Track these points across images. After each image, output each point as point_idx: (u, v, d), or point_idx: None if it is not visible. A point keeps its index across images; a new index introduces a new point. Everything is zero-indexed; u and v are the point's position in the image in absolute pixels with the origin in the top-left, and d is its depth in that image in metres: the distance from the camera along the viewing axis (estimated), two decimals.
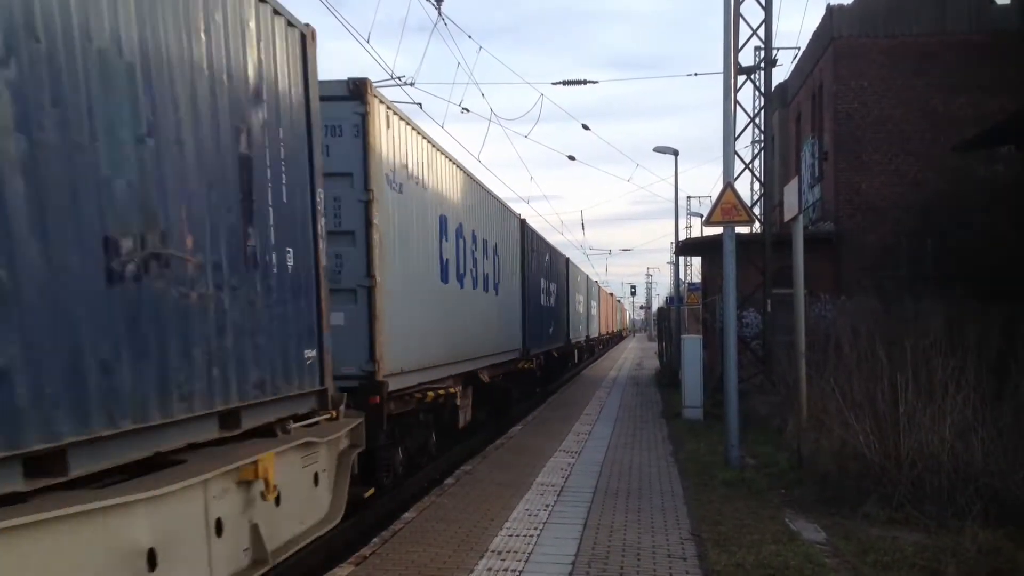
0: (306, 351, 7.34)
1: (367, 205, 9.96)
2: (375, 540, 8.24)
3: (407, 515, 9.26)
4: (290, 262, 7.07)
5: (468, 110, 25.06)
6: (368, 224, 9.98)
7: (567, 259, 32.07)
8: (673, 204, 31.42)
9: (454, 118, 71.87)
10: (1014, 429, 8.82)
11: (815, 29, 22.53)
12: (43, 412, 4.15)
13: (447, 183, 13.42)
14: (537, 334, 22.95)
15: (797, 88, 25.43)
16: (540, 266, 24.40)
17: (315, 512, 7.66)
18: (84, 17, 4.54)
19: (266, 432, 6.63)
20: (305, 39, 7.68)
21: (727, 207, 12.43)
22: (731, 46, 13.17)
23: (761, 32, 18.27)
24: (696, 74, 79.59)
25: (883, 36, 20.00)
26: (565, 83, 24.53)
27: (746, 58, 20.05)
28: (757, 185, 20.74)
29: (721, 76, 13.03)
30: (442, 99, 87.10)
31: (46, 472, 4.23)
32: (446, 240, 13.10)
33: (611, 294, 72.28)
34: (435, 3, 17.41)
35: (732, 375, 12.42)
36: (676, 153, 29.32)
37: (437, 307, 12.52)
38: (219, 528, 5.71)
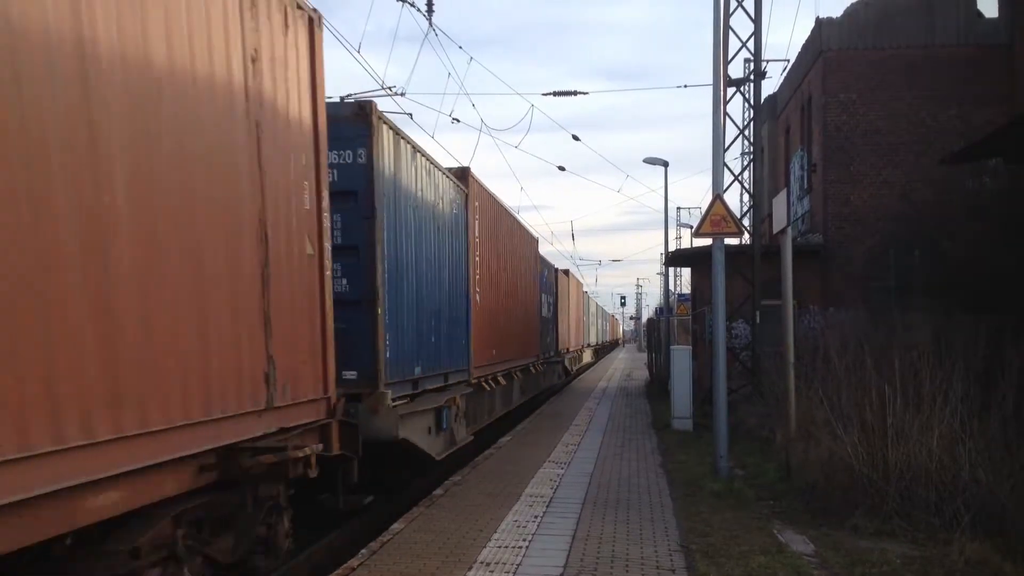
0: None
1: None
2: (363, 551, 8.21)
3: (395, 526, 9.24)
4: None
5: (458, 120, 25.08)
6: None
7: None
8: (663, 215, 31.43)
9: (445, 128, 72.17)
10: (1000, 440, 8.86)
11: (804, 42, 22.66)
12: None
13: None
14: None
15: (786, 100, 25.55)
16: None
17: None
18: None
19: None
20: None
21: (716, 219, 12.46)
22: (720, 58, 13.22)
23: (750, 44, 18.36)
24: (686, 86, 79.46)
25: (871, 48, 20.11)
26: (556, 94, 24.58)
27: (736, 70, 20.10)
28: (746, 197, 20.85)
29: (711, 88, 13.11)
30: (433, 109, 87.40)
31: None
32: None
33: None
34: (426, 14, 17.46)
35: (721, 386, 12.44)
36: (666, 164, 29.38)
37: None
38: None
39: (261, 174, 7.12)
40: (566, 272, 36.75)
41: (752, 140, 19.94)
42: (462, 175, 15.12)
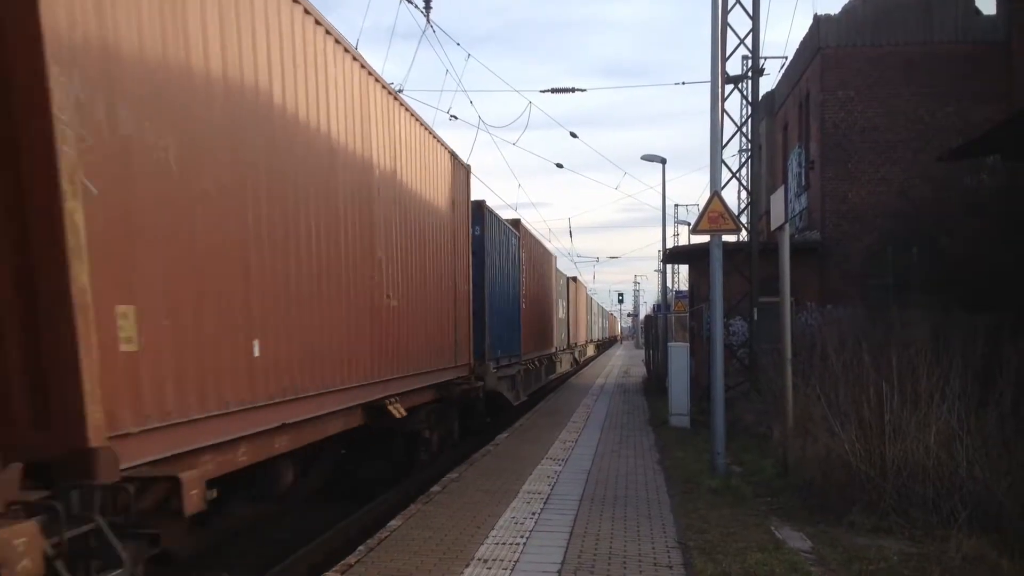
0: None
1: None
2: (360, 548, 8.21)
3: (393, 523, 9.24)
4: None
5: (456, 117, 25.20)
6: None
7: None
8: (661, 212, 31.46)
9: (442, 125, 71.96)
10: (998, 438, 8.86)
11: (802, 39, 22.66)
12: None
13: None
14: None
15: (784, 97, 25.54)
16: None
17: None
18: None
19: None
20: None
21: (714, 216, 12.45)
22: (718, 55, 13.22)
23: (748, 41, 18.36)
24: (684, 83, 79.66)
25: (869, 46, 20.11)
26: (553, 91, 24.63)
27: (734, 67, 20.11)
28: (744, 194, 20.84)
29: (709, 85, 13.09)
30: (431, 106, 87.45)
31: None
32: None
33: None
34: (423, 10, 17.46)
35: (719, 383, 12.43)
36: (664, 161, 29.35)
37: None
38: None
39: (454, 257, 14.93)
40: (574, 279, 46.00)
41: (750, 137, 19.94)
42: (516, 224, 23.40)
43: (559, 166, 33.22)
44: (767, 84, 27.97)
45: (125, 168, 5.42)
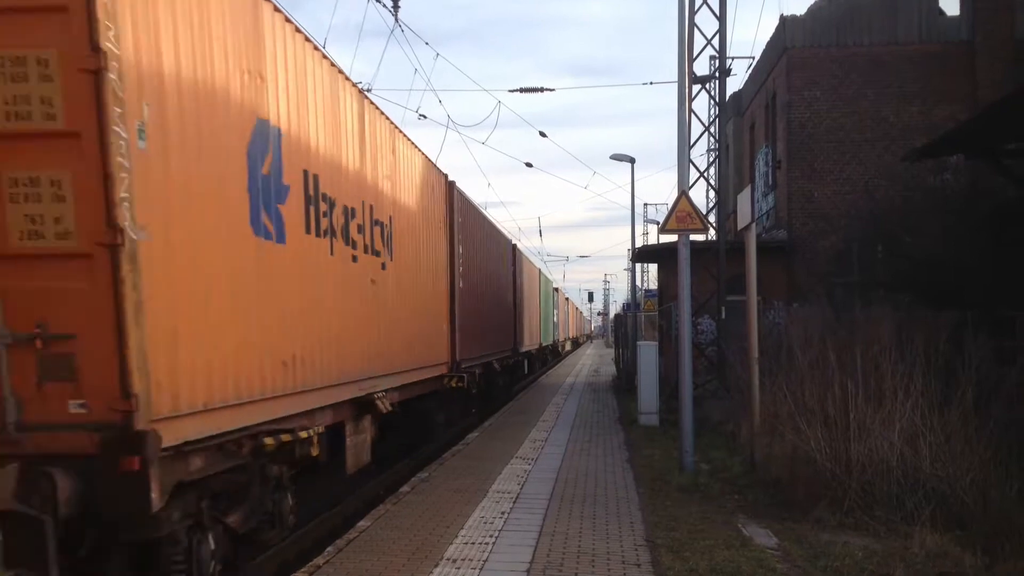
0: None
1: None
2: (329, 549, 8.20)
3: (362, 523, 9.22)
4: None
5: (425, 116, 25.22)
6: None
7: None
8: (630, 211, 31.51)
9: (411, 124, 71.72)
10: (960, 435, 8.98)
11: (769, 39, 22.83)
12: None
13: None
14: None
15: (751, 97, 25.72)
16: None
17: None
18: None
19: None
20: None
21: (682, 215, 12.52)
22: (685, 55, 13.29)
23: (715, 42, 18.47)
24: (652, 83, 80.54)
25: (835, 46, 20.30)
26: (522, 90, 24.64)
27: (701, 67, 20.26)
28: (712, 193, 20.97)
29: (676, 85, 13.16)
30: (399, 105, 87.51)
31: None
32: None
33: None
34: (392, 9, 17.41)
35: (687, 381, 12.50)
36: (632, 161, 29.41)
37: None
38: None
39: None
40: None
41: (717, 137, 20.07)
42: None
43: (528, 165, 33.27)
44: (734, 84, 28.22)
45: None
